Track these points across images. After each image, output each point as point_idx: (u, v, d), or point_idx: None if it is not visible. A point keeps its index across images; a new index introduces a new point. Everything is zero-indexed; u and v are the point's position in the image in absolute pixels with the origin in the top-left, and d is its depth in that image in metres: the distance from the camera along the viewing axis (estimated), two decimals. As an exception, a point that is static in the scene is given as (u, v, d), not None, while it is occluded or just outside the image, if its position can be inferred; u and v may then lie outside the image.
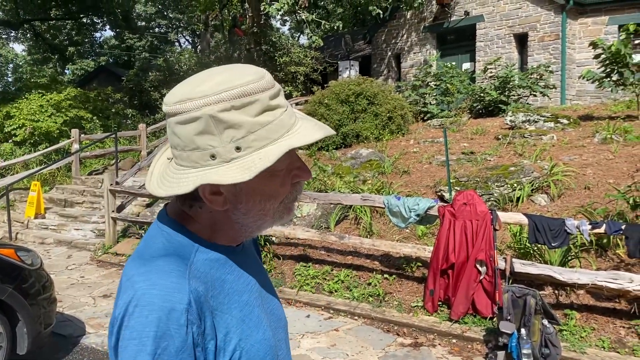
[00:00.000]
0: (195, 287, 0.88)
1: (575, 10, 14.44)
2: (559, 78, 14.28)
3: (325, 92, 12.00)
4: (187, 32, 42.32)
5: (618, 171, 7.08)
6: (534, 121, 9.87)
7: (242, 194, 0.93)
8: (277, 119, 0.88)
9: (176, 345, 0.83)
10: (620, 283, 4.30)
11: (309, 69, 20.24)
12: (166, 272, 0.88)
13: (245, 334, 0.95)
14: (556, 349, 4.07)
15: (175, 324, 0.83)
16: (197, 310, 0.87)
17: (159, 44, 40.91)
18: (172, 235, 0.96)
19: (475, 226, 4.88)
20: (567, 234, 4.55)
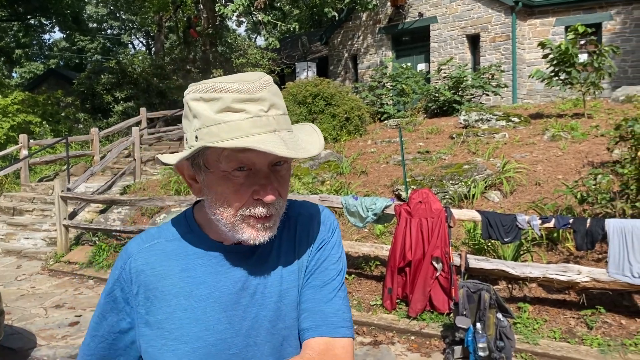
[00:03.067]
0: (136, 263, 1.05)
1: (524, 12, 14.90)
2: (510, 78, 14.70)
3: (282, 93, 11.93)
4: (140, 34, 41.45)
5: (566, 167, 7.33)
6: (486, 120, 10.12)
7: (205, 186, 1.01)
8: (234, 121, 0.92)
9: (106, 289, 1.08)
10: (569, 275, 4.45)
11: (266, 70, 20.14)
12: (138, 237, 1.10)
13: (161, 336, 1.02)
14: (510, 342, 4.17)
15: (114, 272, 1.08)
16: (128, 277, 1.05)
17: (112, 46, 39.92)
18: (180, 216, 1.12)
19: (431, 224, 4.95)
20: (518, 229, 4.68)
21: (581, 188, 5.60)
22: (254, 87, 0.94)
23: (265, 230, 1.00)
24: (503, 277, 4.95)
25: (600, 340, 4.19)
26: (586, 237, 4.39)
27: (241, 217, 0.98)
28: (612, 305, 4.54)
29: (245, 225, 0.99)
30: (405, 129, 11.32)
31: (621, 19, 13.92)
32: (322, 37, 20.12)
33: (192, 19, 24.82)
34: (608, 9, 14.07)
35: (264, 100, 0.94)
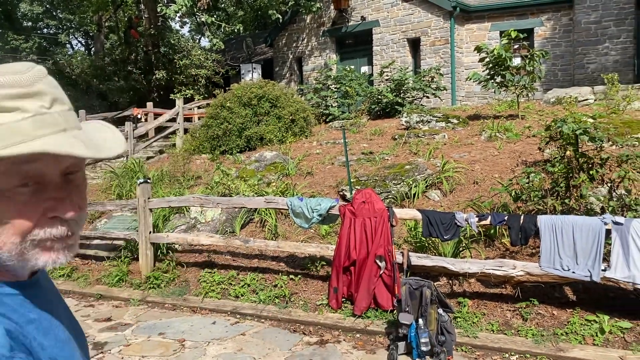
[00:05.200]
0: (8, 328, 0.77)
1: (462, 17, 15.42)
2: (450, 80, 15.18)
3: (228, 95, 11.87)
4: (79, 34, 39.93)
5: (502, 166, 7.66)
6: (427, 121, 10.41)
7: None
8: (8, 123, 0.73)
9: None
10: (505, 270, 4.65)
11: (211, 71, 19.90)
12: None
13: None
14: (451, 336, 4.32)
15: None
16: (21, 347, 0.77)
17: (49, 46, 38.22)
18: None
19: (374, 223, 5.06)
20: (457, 227, 4.85)
21: (515, 186, 5.87)
22: (27, 79, 0.76)
23: (66, 250, 0.83)
24: (444, 273, 5.12)
25: (534, 330, 4.42)
26: (520, 233, 4.61)
27: (32, 243, 0.79)
28: (545, 297, 4.79)
29: (40, 250, 0.80)
30: (350, 130, 11.48)
31: (551, 25, 14.66)
32: (266, 39, 20.09)
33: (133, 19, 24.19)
34: (539, 15, 14.78)
35: (44, 95, 0.77)
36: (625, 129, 7.93)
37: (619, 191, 5.26)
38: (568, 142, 5.33)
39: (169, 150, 13.44)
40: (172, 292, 6.08)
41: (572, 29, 14.35)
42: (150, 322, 5.40)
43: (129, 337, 5.02)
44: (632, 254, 4.17)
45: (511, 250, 5.56)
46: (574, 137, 5.25)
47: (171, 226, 7.22)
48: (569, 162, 5.39)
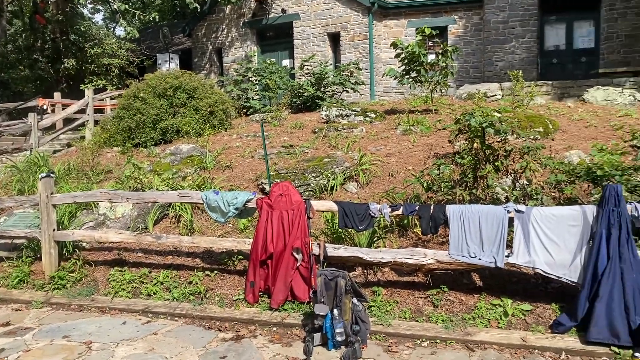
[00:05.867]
0: None
1: (380, 13, 15.74)
2: (369, 75, 15.46)
3: (141, 85, 11.38)
4: (-24, 17, 36.78)
5: (416, 158, 7.89)
6: (346, 115, 10.53)
7: None
8: None
9: None
10: (416, 258, 4.79)
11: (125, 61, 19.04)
12: None
13: None
14: (365, 325, 4.39)
15: None
16: None
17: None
18: None
19: (291, 215, 5.03)
20: (371, 217, 4.93)
21: (427, 177, 6.06)
22: None
23: None
24: (359, 263, 5.19)
25: (444, 316, 4.58)
26: (430, 222, 4.76)
27: None
28: (455, 283, 4.98)
29: None
30: (271, 124, 11.39)
31: (463, 23, 15.29)
32: (185, 29, 19.48)
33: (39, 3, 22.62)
34: (452, 14, 15.38)
35: None
36: (529, 123, 8.43)
37: (521, 181, 5.56)
38: (475, 134, 5.56)
39: (77, 143, 12.70)
40: (79, 293, 5.75)
41: (482, 28, 15.06)
42: (54, 325, 5.06)
43: (29, 341, 4.68)
44: (532, 240, 4.43)
45: (423, 239, 5.73)
46: (481, 130, 5.49)
47: (78, 223, 6.82)
48: (476, 154, 5.63)
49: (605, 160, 5.05)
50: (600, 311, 4.02)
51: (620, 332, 3.94)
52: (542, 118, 8.80)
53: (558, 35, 14.73)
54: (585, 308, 4.14)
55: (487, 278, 5.01)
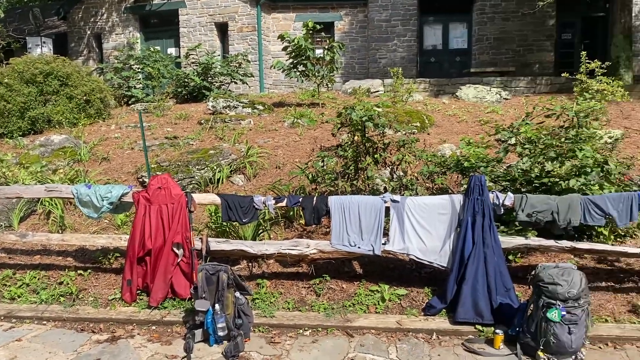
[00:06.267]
0: None
1: (268, 6, 15.68)
2: (258, 67, 15.37)
3: (6, 70, 10.33)
4: None
5: (303, 151, 7.98)
6: (233, 107, 10.38)
7: None
8: None
9: None
10: (300, 249, 4.84)
11: (-13, 43, 17.17)
12: None
13: None
14: (248, 318, 4.36)
15: None
16: None
17: None
18: None
19: (171, 210, 4.86)
20: (255, 210, 4.90)
21: (311, 170, 6.15)
22: None
23: None
24: (243, 256, 5.14)
25: (326, 305, 4.68)
26: (313, 213, 4.83)
27: None
28: (337, 272, 5.11)
29: None
30: (154, 114, 10.91)
31: (349, 20, 15.72)
32: (59, 12, 17.98)
33: None
34: (339, 10, 15.74)
35: None
36: (407, 118, 8.87)
37: (398, 172, 5.84)
38: (356, 128, 5.74)
39: None
40: None
41: (367, 26, 15.58)
42: None
43: None
44: (406, 228, 4.66)
45: (309, 230, 5.82)
46: (361, 124, 5.67)
47: None
48: (357, 146, 5.81)
49: (471, 152, 5.45)
50: (466, 293, 4.34)
51: (483, 312, 4.28)
52: (420, 113, 9.30)
53: (436, 35, 15.67)
54: (454, 290, 4.44)
55: (367, 265, 5.20)
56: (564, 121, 5.51)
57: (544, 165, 5.02)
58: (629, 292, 4.58)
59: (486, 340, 4.09)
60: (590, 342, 4.00)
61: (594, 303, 4.43)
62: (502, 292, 4.36)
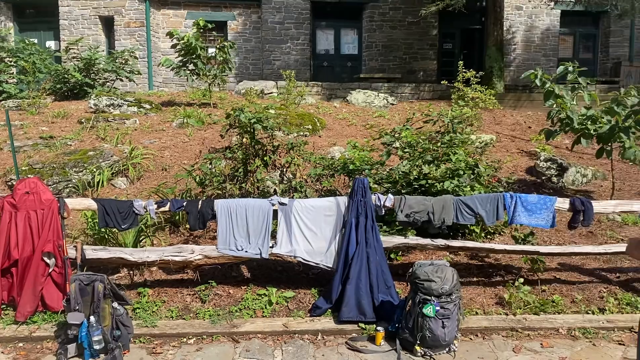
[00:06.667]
0: None
1: (157, 1, 15.10)
2: (146, 65, 14.74)
3: None
4: None
5: (192, 152, 7.77)
6: (118, 105, 9.86)
7: None
8: None
9: None
10: (184, 255, 4.69)
11: None
12: None
13: None
14: (127, 329, 4.14)
15: None
16: None
17: None
18: None
19: (41, 216, 4.48)
20: (136, 215, 4.67)
21: (198, 172, 5.99)
22: None
23: None
24: (123, 264, 4.88)
25: (212, 311, 4.58)
26: (198, 218, 4.70)
27: None
28: (224, 277, 5.02)
29: None
30: (28, 112, 10.06)
31: (242, 20, 15.58)
32: None
33: None
34: (232, 10, 15.55)
35: None
36: (299, 121, 8.97)
37: (288, 175, 5.87)
38: (245, 130, 5.68)
39: None
40: None
41: (260, 27, 15.53)
42: None
43: None
44: (293, 230, 4.69)
45: (195, 235, 5.67)
46: (250, 126, 5.62)
47: None
48: (246, 148, 5.76)
49: (356, 155, 5.62)
50: (350, 292, 4.45)
51: (366, 310, 4.41)
52: (312, 116, 9.44)
53: (328, 40, 16.01)
54: (339, 290, 4.54)
55: (255, 269, 5.17)
56: (440, 127, 5.85)
57: (421, 168, 5.30)
58: (497, 286, 4.97)
59: (369, 338, 4.23)
60: (462, 334, 4.28)
61: (466, 297, 4.75)
62: (384, 289, 4.53)
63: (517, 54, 16.80)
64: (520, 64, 16.60)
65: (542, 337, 4.29)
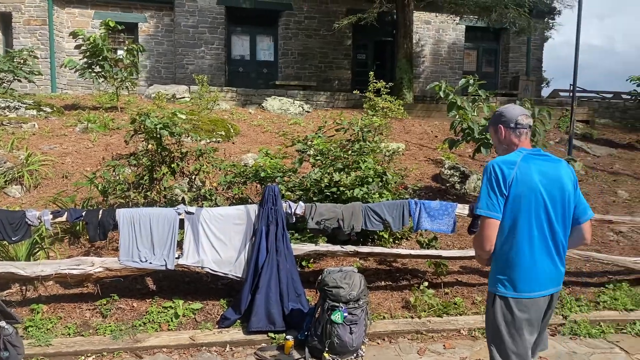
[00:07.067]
0: None
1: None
2: (49, 65, 13.88)
3: None
4: None
5: (96, 159, 7.37)
6: (15, 108, 9.17)
7: None
8: None
9: None
10: (83, 268, 4.41)
11: None
12: None
13: None
14: (17, 349, 3.82)
15: None
16: None
17: None
18: None
19: None
20: (28, 226, 4.34)
21: (100, 180, 5.70)
22: None
23: None
24: (14, 279, 4.52)
25: (113, 326, 4.34)
26: (99, 228, 4.45)
27: None
28: (127, 290, 4.79)
29: None
30: None
31: (154, 23, 15.11)
32: None
33: None
34: (143, 12, 15.04)
35: None
36: (212, 127, 8.80)
37: (197, 183, 5.72)
38: (151, 136, 5.47)
39: None
40: None
41: (173, 30, 15.12)
42: None
43: None
44: (201, 240, 4.57)
45: (98, 246, 5.37)
46: (157, 131, 5.42)
47: None
48: (153, 155, 5.55)
49: (268, 163, 5.59)
50: (260, 301, 4.40)
51: (276, 319, 4.38)
52: (225, 122, 9.30)
53: (244, 46, 15.90)
54: (248, 300, 4.47)
55: (162, 280, 4.98)
56: (351, 135, 5.96)
57: (332, 176, 5.37)
58: (404, 290, 5.12)
59: (278, 347, 4.20)
60: (370, 338, 4.36)
61: (374, 301, 4.85)
62: (294, 297, 4.52)
63: (426, 66, 17.57)
64: (429, 76, 17.38)
65: (445, 339, 4.47)
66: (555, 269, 2.53)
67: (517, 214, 2.45)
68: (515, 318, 2.49)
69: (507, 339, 2.52)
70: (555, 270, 2.53)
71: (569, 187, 2.52)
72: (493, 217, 2.44)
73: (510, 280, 2.49)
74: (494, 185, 2.45)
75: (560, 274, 2.57)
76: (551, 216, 2.48)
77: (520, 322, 2.49)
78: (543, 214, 2.46)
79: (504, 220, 2.46)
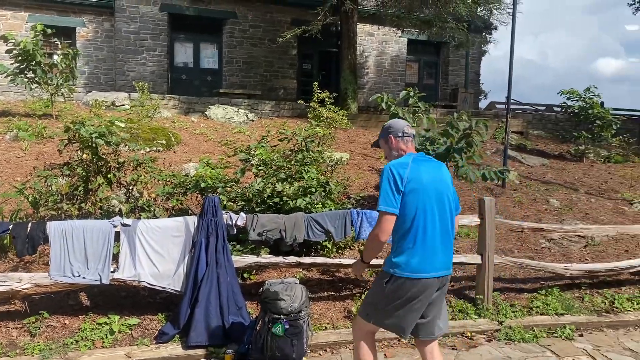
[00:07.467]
0: None
1: (-8, -1, 13.61)
2: (-23, 69, 13.13)
3: None
4: None
5: (28, 169, 7.03)
6: (-63, 114, 8.62)
7: None
8: None
9: None
10: (9, 284, 4.16)
11: None
12: None
13: None
14: None
15: None
16: None
17: None
18: None
19: None
20: (-52, 241, 4.07)
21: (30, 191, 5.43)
22: None
23: None
24: None
25: (42, 345, 4.12)
26: (27, 242, 4.22)
27: None
28: (59, 307, 4.56)
29: None
30: None
31: (93, 28, 14.63)
32: None
33: None
34: (81, 16, 14.54)
35: None
36: (152, 135, 8.58)
37: (134, 193, 5.54)
38: (86, 145, 5.27)
39: None
40: None
41: (114, 36, 14.70)
42: None
43: None
44: (138, 253, 4.42)
45: (27, 260, 5.09)
46: (92, 141, 5.23)
47: None
48: (88, 165, 5.34)
49: (209, 173, 5.49)
50: (199, 315, 4.29)
51: (215, 333, 4.28)
52: (166, 131, 9.09)
53: (187, 53, 15.64)
54: (187, 314, 4.35)
55: (97, 296, 4.78)
56: (294, 145, 5.96)
57: (275, 186, 5.34)
58: (346, 299, 5.14)
59: (218, 362, 4.11)
60: (312, 349, 4.34)
61: (316, 312, 4.84)
62: (235, 310, 4.44)
63: (370, 77, 17.87)
64: (373, 87, 17.68)
65: (386, 347, 4.51)
66: (445, 253, 2.90)
67: (412, 206, 2.80)
68: (407, 295, 2.82)
69: (393, 312, 2.87)
70: (445, 254, 2.90)
71: (451, 185, 2.98)
72: (391, 212, 2.77)
73: (407, 263, 2.82)
74: (391, 184, 2.80)
75: (449, 258, 2.95)
76: (441, 208, 2.88)
77: (411, 299, 2.82)
78: (435, 206, 2.85)
79: (403, 212, 2.80)
